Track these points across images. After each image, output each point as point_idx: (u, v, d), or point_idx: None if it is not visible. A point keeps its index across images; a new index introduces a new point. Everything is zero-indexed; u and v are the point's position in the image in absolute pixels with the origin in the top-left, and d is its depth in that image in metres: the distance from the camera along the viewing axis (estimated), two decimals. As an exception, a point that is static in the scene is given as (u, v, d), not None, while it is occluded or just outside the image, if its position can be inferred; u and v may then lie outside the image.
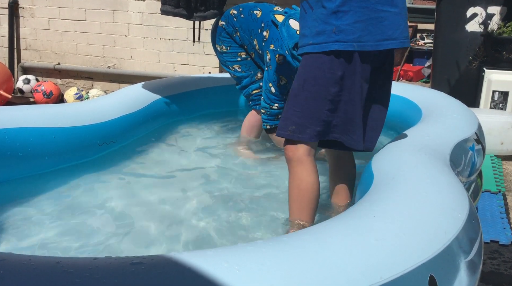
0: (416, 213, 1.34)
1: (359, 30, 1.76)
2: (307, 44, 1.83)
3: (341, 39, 1.76)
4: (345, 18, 1.76)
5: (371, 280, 1.06)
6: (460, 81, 4.55)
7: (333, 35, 1.76)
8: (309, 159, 1.88)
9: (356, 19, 1.76)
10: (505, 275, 2.04)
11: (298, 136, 1.85)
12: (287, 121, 1.86)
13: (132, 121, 2.86)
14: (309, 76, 1.82)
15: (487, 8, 4.37)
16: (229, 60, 2.93)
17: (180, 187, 2.43)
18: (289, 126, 1.85)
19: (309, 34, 1.83)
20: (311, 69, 1.82)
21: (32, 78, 4.96)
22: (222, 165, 2.74)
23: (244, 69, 2.92)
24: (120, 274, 0.94)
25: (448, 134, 2.13)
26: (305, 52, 1.84)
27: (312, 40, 1.81)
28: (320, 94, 1.81)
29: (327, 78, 1.79)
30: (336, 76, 1.79)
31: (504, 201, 2.77)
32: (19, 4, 5.11)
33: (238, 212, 2.18)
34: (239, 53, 2.90)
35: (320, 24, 1.79)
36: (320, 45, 1.78)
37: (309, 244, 1.13)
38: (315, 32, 1.80)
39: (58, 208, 2.16)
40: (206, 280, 0.95)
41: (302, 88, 1.83)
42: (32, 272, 0.92)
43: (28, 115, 2.41)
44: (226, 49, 2.91)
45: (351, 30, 1.76)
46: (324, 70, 1.79)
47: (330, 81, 1.79)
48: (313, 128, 1.83)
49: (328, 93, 1.80)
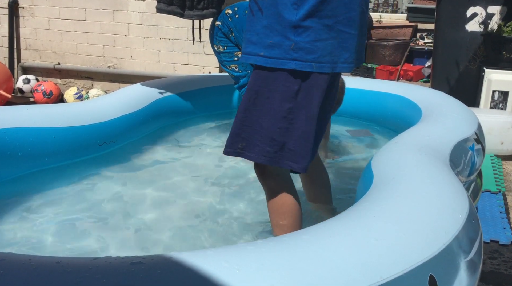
0: (416, 212, 1.34)
1: (319, 50, 1.59)
2: (256, 54, 1.63)
3: (299, 58, 1.59)
4: (305, 34, 1.58)
5: (371, 280, 1.06)
6: (460, 81, 4.55)
7: (290, 51, 1.58)
8: (281, 176, 1.73)
9: (316, 37, 1.58)
10: (505, 275, 2.04)
11: (247, 154, 1.67)
12: (236, 138, 1.68)
13: (132, 121, 2.86)
14: (261, 90, 1.64)
15: (487, 7, 4.38)
16: (226, 60, 2.93)
17: (180, 186, 2.44)
18: (238, 144, 1.67)
19: (258, 42, 1.62)
20: (264, 82, 1.64)
21: (32, 78, 4.96)
22: (223, 164, 2.74)
23: (241, 68, 2.92)
24: (120, 274, 0.94)
25: (448, 134, 2.13)
26: (256, 64, 1.65)
27: (264, 52, 1.61)
28: (274, 110, 1.62)
29: (281, 91, 1.61)
30: (291, 90, 1.61)
31: (504, 201, 2.77)
32: (19, 4, 5.11)
33: (238, 212, 2.19)
34: (236, 53, 2.89)
35: (275, 35, 1.59)
36: (275, 60, 1.60)
37: (309, 244, 1.13)
38: (268, 43, 1.60)
39: (58, 207, 2.16)
40: (206, 280, 0.95)
41: (254, 103, 1.64)
42: (32, 272, 0.92)
43: (28, 115, 2.41)
44: (223, 49, 2.91)
45: (311, 49, 1.58)
46: (279, 84, 1.62)
47: (285, 95, 1.61)
48: (263, 148, 1.65)
49: (282, 109, 1.62)
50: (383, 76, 6.21)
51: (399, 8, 9.47)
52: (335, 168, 2.69)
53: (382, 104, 3.17)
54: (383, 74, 6.29)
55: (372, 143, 3.11)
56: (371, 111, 3.30)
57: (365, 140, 3.14)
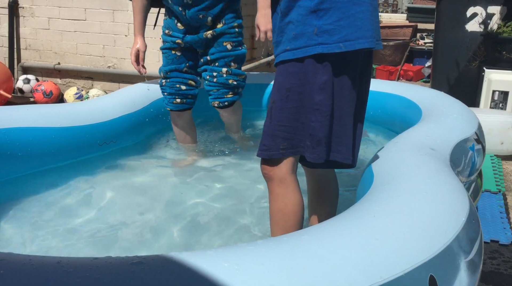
0: (416, 212, 1.34)
1: (344, 28, 1.55)
2: (283, 50, 1.62)
3: (324, 41, 1.56)
4: (326, 16, 1.55)
5: (371, 280, 1.06)
6: (460, 81, 4.55)
7: (314, 37, 1.56)
8: (293, 177, 1.69)
9: (339, 17, 1.55)
10: (505, 275, 2.04)
11: (291, 152, 1.64)
12: (276, 140, 1.63)
13: (132, 121, 2.86)
14: (292, 86, 1.61)
15: (487, 7, 4.38)
16: None
17: (180, 186, 2.43)
18: (279, 145, 1.63)
19: (285, 40, 1.62)
20: (293, 77, 1.61)
21: (32, 78, 4.96)
22: (223, 164, 2.75)
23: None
24: (120, 274, 0.94)
25: (448, 134, 2.13)
26: (282, 60, 1.63)
27: (290, 45, 1.60)
28: (306, 103, 1.60)
29: (312, 83, 1.59)
30: (320, 81, 1.58)
31: (504, 201, 2.77)
32: (19, 3, 5.10)
33: (238, 212, 2.19)
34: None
35: (297, 26, 1.59)
36: (300, 50, 1.58)
37: (309, 244, 1.13)
38: (292, 36, 1.60)
39: (58, 207, 2.16)
40: (206, 280, 0.95)
41: (287, 100, 1.61)
42: (33, 272, 0.92)
43: (28, 115, 2.41)
44: None
45: (335, 29, 1.55)
46: (308, 76, 1.59)
47: (315, 87, 1.59)
48: (304, 143, 1.63)
49: (314, 101, 1.59)
50: (383, 76, 6.21)
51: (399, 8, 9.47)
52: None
53: (382, 104, 3.17)
54: (383, 74, 6.29)
55: (372, 143, 3.11)
56: (371, 111, 3.29)
57: (365, 141, 3.14)
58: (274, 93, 1.66)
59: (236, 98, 2.81)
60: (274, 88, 1.66)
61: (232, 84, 2.73)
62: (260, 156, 1.68)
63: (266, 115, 1.68)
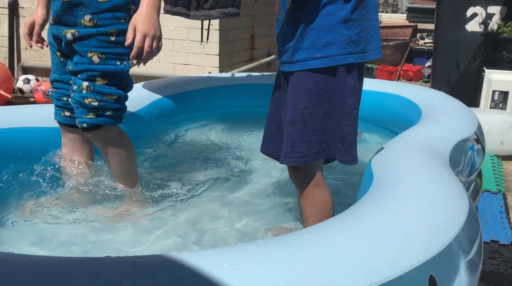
0: (416, 212, 1.34)
1: (363, 40, 1.66)
2: (312, 58, 1.65)
3: (353, 51, 1.64)
4: (354, 27, 1.63)
5: (371, 280, 1.06)
6: (460, 81, 4.56)
7: (346, 46, 1.63)
8: (323, 177, 1.78)
9: (361, 29, 1.65)
10: (505, 275, 2.04)
11: (322, 155, 1.70)
12: (309, 145, 1.68)
13: (132, 121, 2.86)
14: (323, 91, 1.66)
15: (487, 8, 4.38)
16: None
17: (180, 186, 2.43)
18: (312, 150, 1.68)
19: (310, 46, 1.65)
20: (324, 83, 1.65)
21: (32, 78, 4.96)
22: (223, 164, 2.74)
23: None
24: (120, 274, 0.94)
25: (448, 134, 2.13)
26: (313, 68, 1.66)
27: (320, 53, 1.64)
28: (338, 107, 1.67)
29: (343, 88, 1.66)
30: (350, 85, 1.67)
31: (504, 201, 2.77)
32: (19, 4, 5.10)
33: (239, 211, 2.19)
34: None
35: (327, 34, 1.63)
36: (332, 58, 1.63)
37: (309, 243, 1.13)
38: (322, 44, 1.63)
39: (58, 207, 2.16)
40: (206, 280, 0.95)
41: (320, 105, 1.66)
42: (33, 271, 0.92)
43: (28, 115, 2.41)
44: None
45: (358, 40, 1.65)
46: (339, 81, 1.66)
47: (346, 92, 1.66)
48: (335, 146, 1.69)
49: (346, 105, 1.67)
50: (383, 76, 6.22)
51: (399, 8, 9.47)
52: (335, 168, 2.69)
53: (382, 104, 3.17)
54: (383, 74, 6.30)
55: (372, 143, 3.11)
56: (371, 112, 3.30)
57: (365, 141, 3.14)
58: (304, 100, 1.67)
59: (101, 122, 2.01)
60: (303, 95, 1.67)
61: (89, 104, 1.97)
62: (295, 163, 1.72)
63: (292, 122, 1.69)
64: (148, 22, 1.77)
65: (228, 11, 2.95)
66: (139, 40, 1.77)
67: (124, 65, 2.02)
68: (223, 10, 2.95)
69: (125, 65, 2.02)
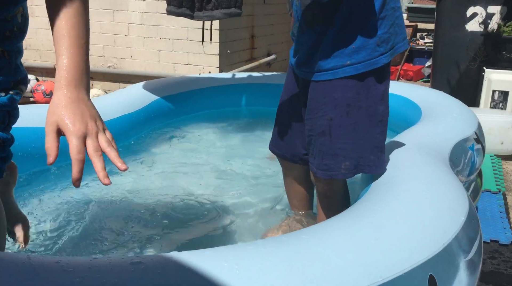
0: (415, 212, 1.34)
1: (393, 35, 1.56)
2: (342, 65, 1.54)
3: (384, 51, 1.54)
4: (384, 25, 1.54)
5: (371, 280, 1.06)
6: (460, 81, 4.55)
7: (377, 48, 1.53)
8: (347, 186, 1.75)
9: (391, 23, 1.55)
10: (505, 275, 2.04)
11: (353, 173, 1.62)
12: (337, 158, 1.59)
13: (132, 121, 2.86)
14: (352, 99, 1.55)
15: (487, 7, 4.38)
16: None
17: (180, 186, 2.44)
18: (341, 164, 1.59)
19: (338, 54, 1.55)
20: (352, 92, 1.55)
21: (32, 78, 4.95)
22: (224, 164, 2.75)
23: None
24: (120, 274, 0.94)
25: (448, 133, 2.13)
26: (344, 76, 1.56)
27: (350, 59, 1.53)
28: (369, 116, 1.57)
29: (374, 96, 1.56)
30: (380, 92, 1.57)
31: (504, 201, 2.77)
32: (19, 4, 5.11)
33: (239, 211, 2.19)
34: None
35: (357, 37, 1.53)
36: (363, 64, 1.53)
37: (309, 243, 1.13)
38: (352, 50, 1.53)
39: (58, 207, 2.16)
40: (206, 280, 0.95)
41: (347, 115, 1.56)
42: (32, 271, 0.92)
43: (28, 115, 2.41)
44: None
45: (388, 37, 1.55)
46: (369, 88, 1.55)
47: (377, 99, 1.56)
48: (368, 158, 1.59)
49: (377, 113, 1.57)
50: (383, 76, 6.20)
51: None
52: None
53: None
54: (383, 74, 6.28)
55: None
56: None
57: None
58: (331, 110, 1.58)
59: None
60: (329, 105, 1.58)
61: None
62: (321, 175, 1.65)
63: (321, 133, 1.61)
64: (80, 114, 1.05)
65: (231, 12, 2.96)
66: (75, 148, 1.09)
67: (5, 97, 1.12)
68: (226, 11, 2.96)
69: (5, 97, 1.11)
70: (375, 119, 1.58)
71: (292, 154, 1.89)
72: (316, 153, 1.65)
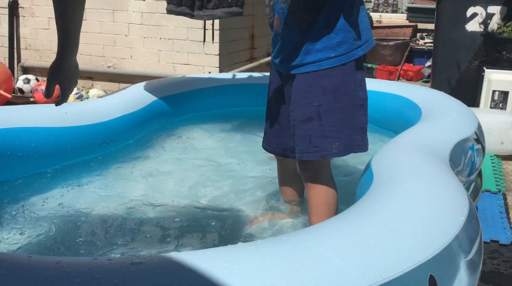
0: (415, 212, 1.34)
1: (364, 31, 1.77)
2: (327, 58, 1.74)
3: (360, 44, 1.76)
4: (357, 23, 1.75)
5: (371, 280, 1.06)
6: (460, 81, 4.55)
7: (354, 42, 1.74)
8: (331, 173, 1.87)
9: (361, 22, 1.76)
10: (505, 275, 2.04)
11: (343, 152, 1.79)
12: (327, 140, 1.76)
13: (132, 121, 2.86)
14: (338, 86, 1.75)
15: (487, 7, 4.38)
16: None
17: (180, 186, 2.44)
18: (332, 145, 1.76)
19: (324, 47, 1.74)
20: (337, 79, 1.75)
21: (32, 78, 4.96)
22: (222, 164, 2.75)
23: None
24: (120, 274, 0.94)
25: (448, 134, 2.13)
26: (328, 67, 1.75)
27: (334, 52, 1.73)
28: (353, 101, 1.77)
29: (355, 82, 1.76)
30: (359, 79, 1.78)
31: (504, 201, 2.77)
32: (19, 3, 5.11)
33: (238, 211, 2.19)
34: None
35: (338, 33, 1.73)
36: (346, 55, 1.74)
37: (309, 243, 1.13)
38: (335, 43, 1.73)
39: (58, 207, 2.16)
40: (206, 280, 0.95)
41: (334, 101, 1.75)
42: (32, 272, 0.92)
43: (28, 115, 2.41)
44: None
45: (361, 33, 1.76)
46: (351, 76, 1.76)
47: (357, 85, 1.77)
48: (355, 138, 1.79)
49: (359, 97, 1.78)
50: (383, 76, 6.22)
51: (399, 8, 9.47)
52: (335, 168, 2.69)
53: (382, 104, 3.17)
54: (383, 74, 6.30)
55: (372, 143, 3.11)
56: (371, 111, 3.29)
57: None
58: (318, 97, 1.75)
59: None
60: (317, 93, 1.76)
61: None
62: (314, 158, 1.79)
63: (307, 119, 1.77)
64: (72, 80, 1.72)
65: (232, 11, 2.95)
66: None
67: None
68: (227, 10, 2.94)
69: None
70: (357, 103, 1.78)
71: (283, 149, 2.02)
72: (302, 138, 1.79)
